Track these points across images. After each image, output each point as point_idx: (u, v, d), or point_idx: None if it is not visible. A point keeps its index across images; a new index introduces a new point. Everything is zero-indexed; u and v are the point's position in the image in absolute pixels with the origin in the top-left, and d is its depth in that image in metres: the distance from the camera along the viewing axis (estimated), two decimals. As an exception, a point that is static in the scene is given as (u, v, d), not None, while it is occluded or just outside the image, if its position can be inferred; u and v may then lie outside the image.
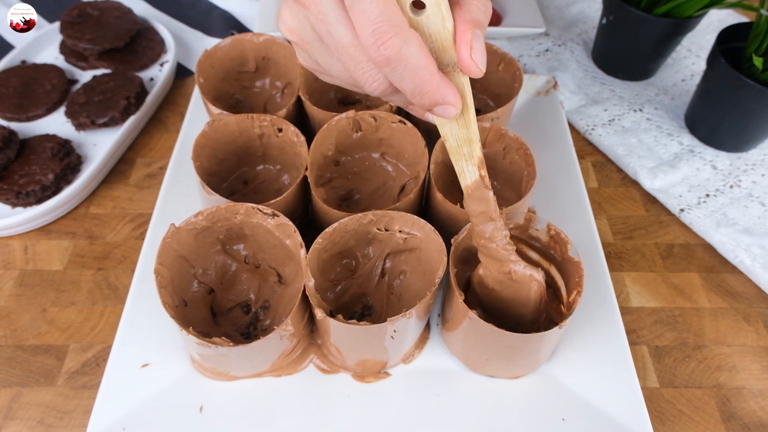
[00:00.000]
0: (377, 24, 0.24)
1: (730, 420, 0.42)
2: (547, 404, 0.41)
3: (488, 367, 0.42)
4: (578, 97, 0.64)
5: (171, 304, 0.38)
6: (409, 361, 0.43)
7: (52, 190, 0.52)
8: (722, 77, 0.54)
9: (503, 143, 0.48)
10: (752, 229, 0.52)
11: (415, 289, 0.44)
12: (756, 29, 0.52)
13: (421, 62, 0.26)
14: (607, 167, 0.59)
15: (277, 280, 0.45)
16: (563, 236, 0.40)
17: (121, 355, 0.42)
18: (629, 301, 0.49)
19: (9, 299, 0.48)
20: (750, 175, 0.57)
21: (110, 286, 0.49)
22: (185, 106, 0.63)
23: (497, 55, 0.53)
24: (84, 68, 0.65)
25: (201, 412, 0.40)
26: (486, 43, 0.53)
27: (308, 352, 0.43)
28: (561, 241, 0.40)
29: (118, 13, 0.66)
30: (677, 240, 0.53)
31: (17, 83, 0.61)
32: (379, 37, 0.25)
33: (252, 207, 0.41)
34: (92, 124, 0.57)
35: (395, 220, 0.42)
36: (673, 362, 0.45)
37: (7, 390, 0.43)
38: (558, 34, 0.73)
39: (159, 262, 0.38)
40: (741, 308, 0.48)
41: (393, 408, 0.41)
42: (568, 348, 0.43)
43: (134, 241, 0.52)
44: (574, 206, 0.51)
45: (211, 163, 0.48)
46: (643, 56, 0.64)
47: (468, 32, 0.26)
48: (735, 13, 0.74)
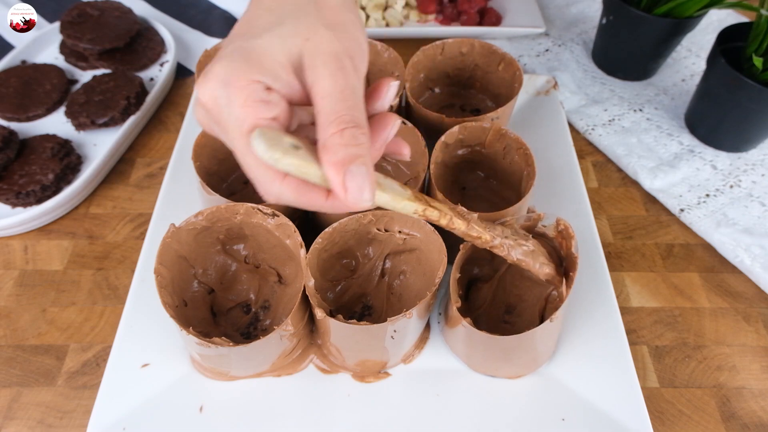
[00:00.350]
0: (254, 178, 0.28)
1: (730, 420, 0.42)
2: (547, 404, 0.41)
3: (488, 366, 0.42)
4: (578, 97, 0.64)
5: (171, 304, 0.38)
6: (409, 361, 0.43)
7: (52, 190, 0.52)
8: (722, 77, 0.54)
9: (503, 143, 0.48)
10: (752, 229, 0.52)
11: (415, 289, 0.44)
12: (756, 29, 0.52)
13: (303, 202, 0.28)
14: (607, 167, 0.59)
15: (277, 280, 0.45)
16: (571, 231, 0.40)
17: (121, 355, 0.42)
18: (629, 301, 0.49)
19: (9, 299, 0.48)
20: (750, 175, 0.57)
21: (110, 286, 0.49)
22: (185, 106, 0.63)
23: (497, 55, 0.53)
24: (84, 68, 0.65)
25: (201, 412, 0.40)
26: (486, 43, 0.54)
27: (308, 352, 0.43)
28: (568, 236, 0.40)
29: (118, 13, 0.66)
30: (677, 240, 0.53)
31: (17, 83, 0.61)
32: (259, 188, 0.28)
33: (252, 207, 0.41)
34: (92, 124, 0.57)
35: (395, 220, 0.42)
36: (673, 362, 0.45)
37: (7, 390, 0.43)
38: (558, 34, 0.73)
39: (159, 262, 0.38)
40: (741, 308, 0.48)
41: (393, 408, 0.41)
42: (568, 348, 0.43)
43: (134, 241, 0.52)
44: (574, 206, 0.51)
45: (211, 163, 0.48)
46: (643, 56, 0.64)
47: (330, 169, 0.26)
48: (735, 13, 0.74)
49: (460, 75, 0.57)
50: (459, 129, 0.47)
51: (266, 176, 0.27)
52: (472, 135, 0.48)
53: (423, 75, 0.56)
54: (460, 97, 0.59)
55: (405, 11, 0.73)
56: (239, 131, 0.27)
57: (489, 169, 0.51)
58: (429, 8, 0.73)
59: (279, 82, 0.28)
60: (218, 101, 0.27)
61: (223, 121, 0.27)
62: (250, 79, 0.27)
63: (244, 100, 0.26)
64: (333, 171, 0.26)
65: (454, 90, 0.59)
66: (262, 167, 0.27)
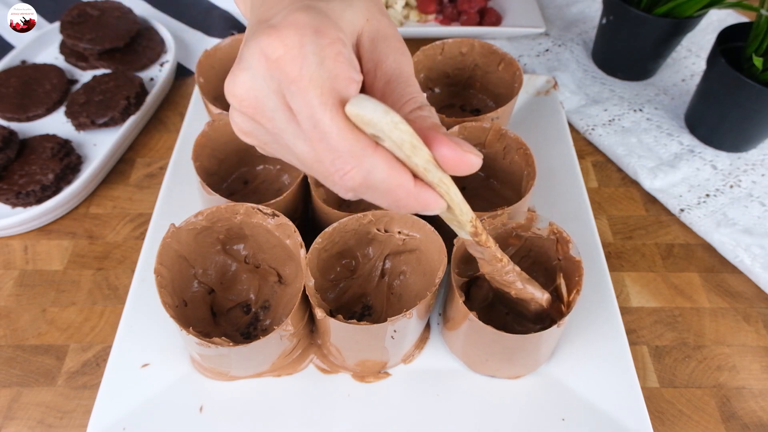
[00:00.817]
0: (336, 155, 0.23)
1: (730, 420, 0.42)
2: (547, 404, 0.41)
3: (488, 366, 0.42)
4: (578, 97, 0.64)
5: (171, 304, 0.38)
6: (409, 361, 0.43)
7: (52, 190, 0.52)
8: (722, 77, 0.54)
9: (503, 143, 0.48)
10: (752, 229, 0.52)
11: (416, 290, 0.44)
12: (756, 29, 0.52)
13: (392, 184, 0.23)
14: (607, 167, 0.59)
15: (277, 280, 0.45)
16: (565, 235, 0.40)
17: (121, 355, 0.42)
18: (629, 301, 0.49)
19: (9, 299, 0.48)
20: (750, 175, 0.57)
21: (110, 286, 0.49)
22: (185, 106, 0.63)
23: (497, 55, 0.53)
24: (84, 68, 0.65)
25: (201, 412, 0.40)
26: (486, 43, 0.53)
27: (308, 352, 0.43)
28: (563, 240, 0.40)
29: (118, 13, 0.66)
30: (677, 240, 0.53)
31: (17, 83, 0.61)
32: (340, 169, 0.23)
33: (252, 207, 0.41)
34: (92, 124, 0.57)
35: (395, 220, 0.42)
36: (673, 362, 0.45)
37: (7, 390, 0.43)
38: (558, 34, 0.73)
39: (159, 262, 0.38)
40: (741, 308, 0.48)
41: (393, 408, 0.41)
42: (568, 348, 0.43)
43: (134, 241, 0.52)
44: (574, 206, 0.51)
45: (211, 163, 0.48)
46: (643, 56, 0.64)
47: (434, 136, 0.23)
48: (735, 13, 0.74)
49: (460, 75, 0.57)
50: (459, 129, 0.47)
51: (357, 146, 0.22)
52: (472, 135, 0.48)
53: (423, 75, 0.56)
54: (460, 97, 0.59)
55: (405, 11, 0.73)
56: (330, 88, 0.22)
57: (489, 169, 0.51)
58: (429, 8, 0.73)
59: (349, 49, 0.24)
60: (305, 49, 0.22)
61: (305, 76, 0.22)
62: (338, 35, 0.23)
63: (336, 53, 0.23)
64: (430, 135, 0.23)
65: (454, 90, 0.59)
66: (353, 136, 0.22)
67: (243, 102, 0.24)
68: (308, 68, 0.22)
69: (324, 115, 0.22)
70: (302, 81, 0.22)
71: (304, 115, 0.23)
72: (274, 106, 0.24)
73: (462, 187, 0.52)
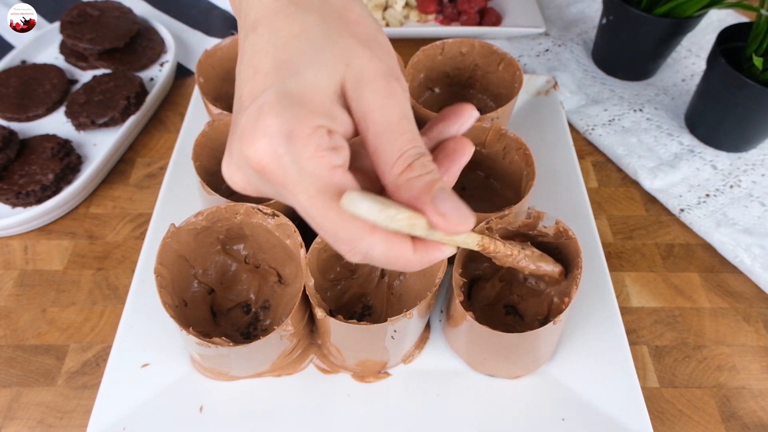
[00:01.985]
0: (334, 239, 0.24)
1: (730, 420, 0.42)
2: (547, 404, 0.41)
3: (487, 365, 0.42)
4: (578, 97, 0.64)
5: (171, 304, 0.38)
6: (409, 361, 0.43)
7: (52, 190, 0.52)
8: (722, 77, 0.54)
9: (503, 143, 0.48)
10: (752, 229, 0.52)
11: (416, 290, 0.44)
12: (756, 29, 0.52)
13: (392, 257, 0.24)
14: (607, 167, 0.59)
15: (277, 280, 0.45)
16: (571, 233, 0.40)
17: (121, 355, 0.42)
18: (629, 301, 0.49)
19: (9, 299, 0.48)
20: (750, 175, 0.57)
21: (110, 286, 0.49)
22: (185, 106, 0.63)
23: (497, 55, 0.53)
24: (84, 68, 0.65)
25: (201, 412, 0.40)
26: (486, 43, 0.53)
27: (308, 352, 0.43)
28: (568, 237, 0.40)
29: (118, 13, 0.66)
30: (677, 240, 0.53)
31: (17, 83, 0.61)
32: (343, 247, 0.24)
33: (252, 207, 0.41)
34: (92, 124, 0.57)
35: (395, 220, 0.41)
36: (673, 362, 0.45)
37: (7, 390, 0.43)
38: (558, 34, 0.73)
39: (159, 262, 0.38)
40: (741, 308, 0.48)
41: (393, 408, 0.41)
42: (568, 348, 0.43)
43: (134, 241, 0.52)
44: (574, 206, 0.51)
45: (211, 163, 0.48)
46: (643, 56, 0.64)
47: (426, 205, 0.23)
48: (735, 13, 0.74)
49: (460, 75, 0.57)
50: (459, 129, 0.47)
51: (355, 232, 0.23)
52: (472, 135, 0.48)
53: (423, 75, 0.56)
54: (460, 97, 0.59)
55: (405, 11, 0.73)
56: (315, 188, 0.23)
57: (489, 169, 0.51)
58: (429, 8, 0.73)
59: (336, 121, 0.24)
60: (282, 159, 0.22)
61: (289, 182, 0.23)
62: (314, 125, 0.23)
63: (313, 151, 0.23)
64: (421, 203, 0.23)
65: (454, 90, 0.59)
66: (348, 224, 0.23)
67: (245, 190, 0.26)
68: (290, 176, 0.23)
69: (316, 213, 0.23)
70: (288, 186, 0.23)
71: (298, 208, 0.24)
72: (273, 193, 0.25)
73: (462, 188, 0.52)
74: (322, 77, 0.24)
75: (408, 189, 0.24)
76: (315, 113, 0.23)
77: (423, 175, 0.24)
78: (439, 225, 0.23)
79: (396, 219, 0.23)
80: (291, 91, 0.23)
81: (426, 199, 0.23)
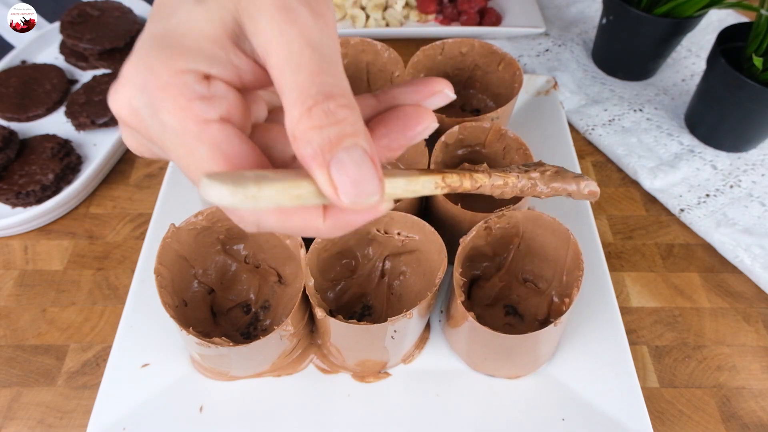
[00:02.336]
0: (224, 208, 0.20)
1: (730, 420, 0.42)
2: (547, 404, 0.41)
3: (487, 365, 0.42)
4: (578, 97, 0.64)
5: (171, 304, 0.38)
6: (409, 361, 0.43)
7: (52, 190, 0.52)
8: (722, 77, 0.54)
9: (503, 143, 0.48)
10: (752, 229, 0.52)
11: (416, 290, 0.44)
12: (756, 29, 0.52)
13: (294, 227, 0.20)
14: (607, 167, 0.59)
15: (277, 280, 0.45)
16: None
17: (121, 355, 0.42)
18: (629, 301, 0.49)
19: (9, 299, 0.48)
20: (750, 175, 0.57)
21: (110, 286, 0.49)
22: (185, 106, 0.63)
23: (497, 55, 0.53)
24: (84, 68, 0.65)
25: (201, 412, 0.40)
26: (486, 43, 0.53)
27: (308, 352, 0.43)
28: None
29: (118, 13, 0.66)
30: (677, 240, 0.53)
31: (17, 83, 0.61)
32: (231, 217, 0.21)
33: (252, 207, 0.41)
34: (92, 124, 0.57)
35: (394, 221, 0.42)
36: (673, 362, 0.45)
37: (7, 390, 0.43)
38: (558, 34, 0.73)
39: (159, 262, 0.38)
40: (741, 308, 0.48)
41: (393, 408, 0.41)
42: (568, 348, 0.43)
43: (134, 241, 0.52)
44: (574, 206, 0.51)
45: (211, 163, 0.48)
46: (643, 56, 0.64)
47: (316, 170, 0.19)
48: (735, 13, 0.74)
49: (460, 75, 0.57)
50: (459, 129, 0.47)
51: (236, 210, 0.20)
52: (472, 135, 0.48)
53: (423, 75, 0.56)
54: (460, 97, 0.59)
55: (405, 11, 0.73)
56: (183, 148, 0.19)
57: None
58: (429, 8, 0.73)
59: (217, 64, 0.20)
60: (140, 113, 0.20)
61: (155, 140, 0.20)
62: (175, 69, 0.19)
63: (173, 102, 0.19)
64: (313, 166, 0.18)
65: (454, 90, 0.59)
66: None
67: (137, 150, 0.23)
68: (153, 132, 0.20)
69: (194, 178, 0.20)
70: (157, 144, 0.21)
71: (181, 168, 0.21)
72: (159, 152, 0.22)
73: (462, 187, 0.52)
74: (199, 15, 0.20)
75: (304, 143, 0.19)
76: (183, 56, 0.19)
77: (325, 127, 0.18)
78: (331, 197, 0.19)
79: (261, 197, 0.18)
80: (158, 34, 0.20)
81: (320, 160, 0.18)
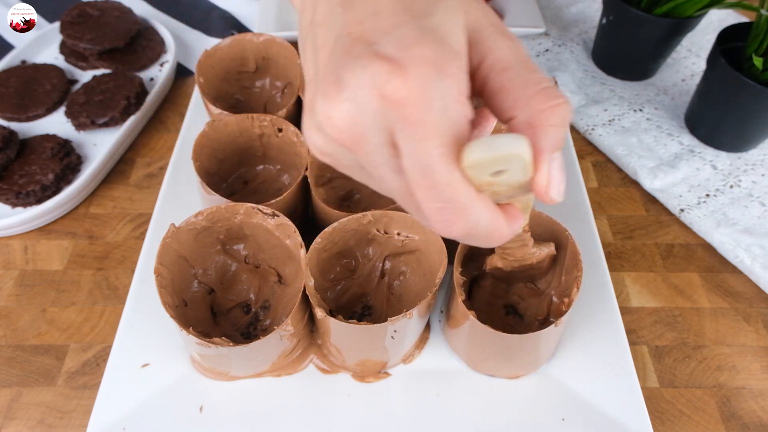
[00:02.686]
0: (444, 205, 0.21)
1: (730, 420, 0.42)
2: (547, 404, 0.41)
3: (487, 365, 0.42)
4: (578, 97, 0.64)
5: (171, 304, 0.38)
6: (409, 361, 0.43)
7: (52, 190, 0.52)
8: (722, 77, 0.54)
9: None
10: (752, 229, 0.52)
11: (416, 290, 0.44)
12: (756, 29, 0.52)
13: (491, 230, 0.22)
14: (607, 167, 0.59)
15: (277, 280, 0.45)
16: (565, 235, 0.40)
17: (121, 355, 0.42)
18: (629, 301, 0.49)
19: (9, 299, 0.48)
20: (750, 175, 0.57)
21: (110, 286, 0.49)
22: (185, 106, 0.63)
23: (497, 55, 0.53)
24: (84, 68, 0.65)
25: (201, 412, 0.40)
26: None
27: (308, 352, 0.43)
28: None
29: (118, 13, 0.66)
30: (677, 240, 0.53)
31: (17, 83, 0.61)
32: (447, 219, 0.21)
33: (252, 207, 0.41)
34: (92, 124, 0.57)
35: (394, 221, 0.42)
36: (673, 362, 0.45)
37: (7, 390, 0.43)
38: (558, 34, 0.73)
39: (159, 262, 0.38)
40: (741, 308, 0.48)
41: (393, 408, 0.41)
42: (568, 348, 0.43)
43: (134, 241, 0.52)
44: (574, 206, 0.51)
45: (211, 163, 0.48)
46: (643, 56, 0.64)
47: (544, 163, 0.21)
48: (735, 13, 0.74)
49: (460, 75, 0.57)
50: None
51: (467, 199, 0.21)
52: (472, 135, 0.48)
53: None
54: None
55: (405, 11, 0.73)
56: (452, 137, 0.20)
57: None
58: (429, 8, 0.73)
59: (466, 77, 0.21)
60: (430, 94, 0.19)
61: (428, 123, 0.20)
62: (458, 68, 0.20)
63: (458, 95, 0.20)
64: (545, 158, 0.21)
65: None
66: (464, 188, 0.20)
67: (342, 133, 0.21)
68: (432, 116, 0.20)
69: (441, 167, 0.20)
70: (424, 127, 0.20)
71: (416, 160, 0.20)
72: (378, 143, 0.21)
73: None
74: (451, 20, 0.21)
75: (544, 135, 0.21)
76: (459, 54, 0.21)
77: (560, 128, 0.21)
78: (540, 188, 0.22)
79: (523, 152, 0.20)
80: (430, 29, 0.20)
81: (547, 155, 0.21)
